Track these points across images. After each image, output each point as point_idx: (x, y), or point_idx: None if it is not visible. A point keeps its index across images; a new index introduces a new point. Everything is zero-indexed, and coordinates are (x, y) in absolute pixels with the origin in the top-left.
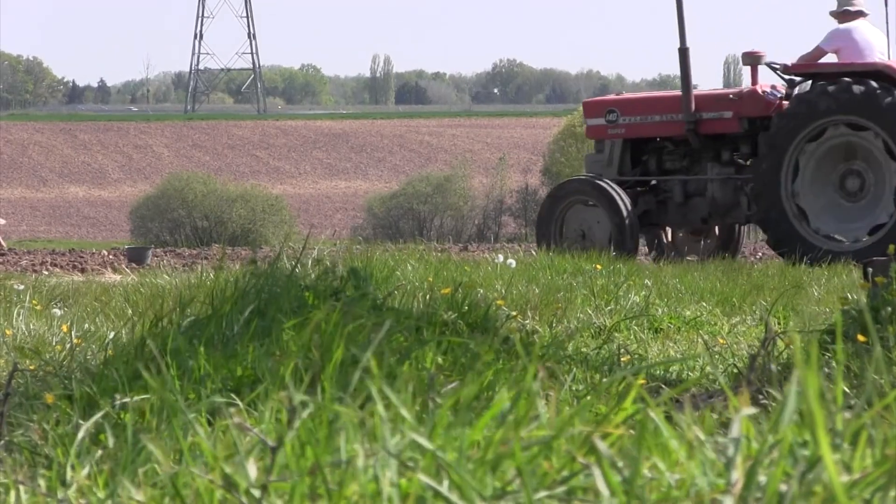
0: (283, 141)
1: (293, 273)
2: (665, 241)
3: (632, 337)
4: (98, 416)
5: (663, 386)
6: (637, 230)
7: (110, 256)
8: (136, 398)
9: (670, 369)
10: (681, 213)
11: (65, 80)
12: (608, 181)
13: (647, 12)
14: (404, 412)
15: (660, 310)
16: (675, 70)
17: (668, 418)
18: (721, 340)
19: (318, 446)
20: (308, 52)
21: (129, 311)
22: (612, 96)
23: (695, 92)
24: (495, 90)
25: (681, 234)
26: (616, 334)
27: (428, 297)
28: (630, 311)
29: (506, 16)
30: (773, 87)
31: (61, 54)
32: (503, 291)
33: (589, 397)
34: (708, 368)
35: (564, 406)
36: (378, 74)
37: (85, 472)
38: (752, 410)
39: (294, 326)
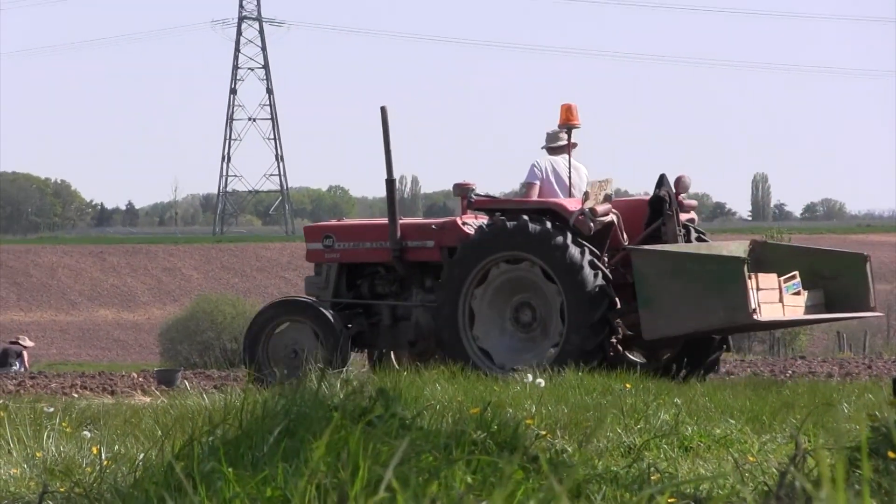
0: None
1: (322, 393)
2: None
3: (661, 455)
4: None
5: (693, 503)
6: (348, 350)
7: (140, 378)
8: None
9: (700, 487)
10: (391, 336)
11: (93, 202)
12: (320, 302)
13: (673, 132)
14: None
15: (689, 428)
16: (703, 188)
17: None
18: (751, 458)
19: None
20: (336, 173)
21: (159, 433)
22: (330, 222)
23: (402, 221)
24: None
25: (405, 356)
26: (646, 453)
27: (457, 416)
28: (659, 430)
29: (530, 132)
30: (474, 217)
31: (89, 177)
32: (532, 411)
33: None
34: (738, 486)
35: None
36: (406, 195)
37: None
38: None
39: (322, 447)
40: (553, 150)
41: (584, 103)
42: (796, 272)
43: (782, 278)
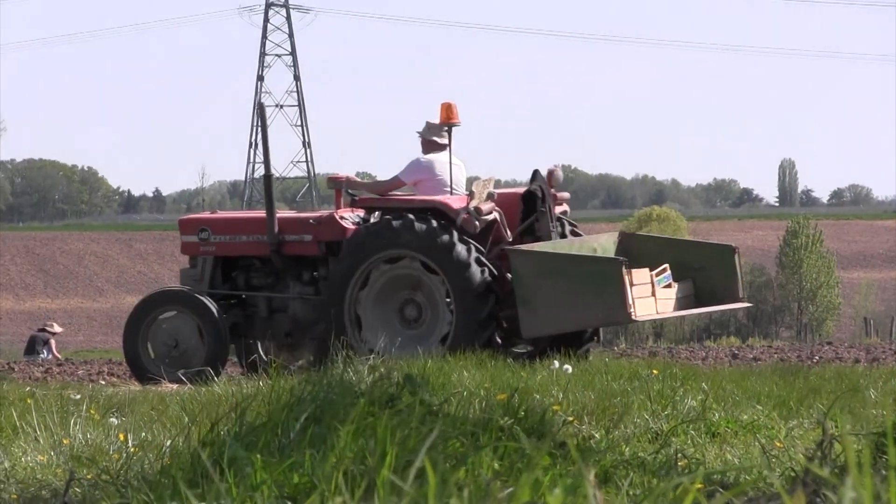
0: None
1: (348, 379)
2: (261, 353)
3: (689, 441)
4: None
5: (720, 490)
6: (228, 341)
7: None
8: None
9: (728, 473)
10: (266, 328)
11: (120, 189)
12: (201, 293)
13: (701, 117)
14: None
15: (716, 414)
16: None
17: None
18: (778, 444)
19: None
20: (363, 159)
21: (186, 420)
22: (205, 215)
23: (279, 214)
24: None
25: (273, 348)
26: (673, 439)
27: (484, 403)
28: (687, 416)
29: (561, 121)
30: (352, 211)
31: (116, 164)
32: (559, 397)
33: (646, 502)
34: (765, 472)
35: None
36: None
37: None
38: None
39: (350, 433)
40: (429, 148)
41: (615, 94)
42: (666, 265)
43: (654, 272)
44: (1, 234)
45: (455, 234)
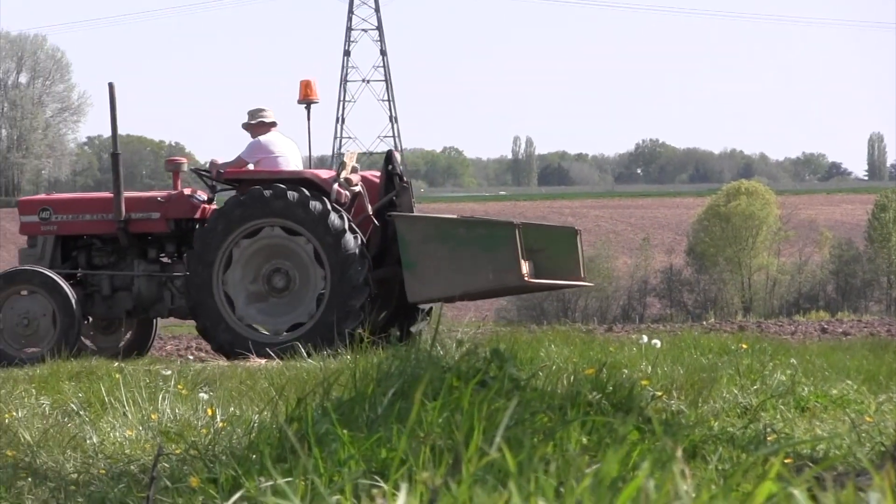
0: None
1: (435, 354)
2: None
3: (778, 416)
4: (237, 496)
5: (809, 464)
6: (81, 319)
7: None
8: (280, 481)
9: (817, 448)
10: (106, 306)
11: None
12: (51, 271)
13: (790, 91)
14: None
15: (806, 388)
16: (819, 148)
17: (813, 497)
18: (868, 418)
19: None
20: (450, 134)
21: (273, 394)
22: (45, 196)
23: (126, 194)
24: (638, 170)
25: (91, 327)
26: (762, 413)
27: (572, 377)
28: (776, 390)
29: (648, 96)
30: (194, 191)
31: (203, 139)
32: (648, 372)
33: (733, 477)
34: (854, 446)
35: (710, 485)
36: (520, 156)
37: None
38: None
39: (437, 408)
40: (260, 131)
41: (702, 67)
42: None
43: None
44: None
45: (328, 202)
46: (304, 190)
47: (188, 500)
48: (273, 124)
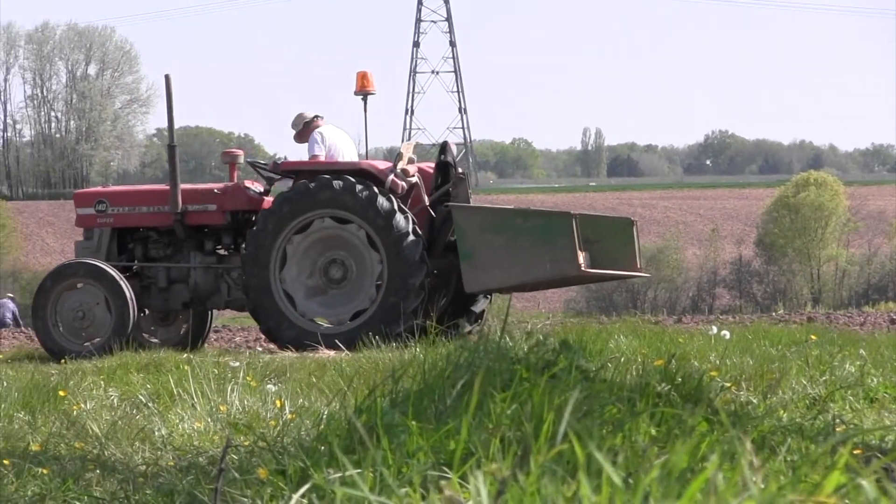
0: None
1: (504, 346)
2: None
3: (847, 407)
4: (305, 487)
5: (878, 455)
6: (136, 312)
7: None
8: (348, 472)
9: (885, 438)
10: (163, 298)
11: (276, 156)
12: (109, 265)
13: (860, 81)
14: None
15: (875, 379)
16: (888, 140)
17: (881, 488)
18: None
19: None
20: (519, 125)
21: (342, 386)
22: (100, 188)
23: (182, 186)
24: (707, 161)
25: (149, 319)
26: (831, 404)
27: (641, 369)
28: (845, 381)
29: (718, 87)
30: (253, 182)
31: (272, 131)
32: (717, 363)
33: (801, 468)
34: None
35: (779, 476)
36: (589, 147)
37: None
38: None
39: (506, 399)
40: (304, 130)
41: (772, 59)
42: None
43: None
44: None
45: (374, 187)
46: (349, 177)
47: (256, 492)
48: (317, 117)
